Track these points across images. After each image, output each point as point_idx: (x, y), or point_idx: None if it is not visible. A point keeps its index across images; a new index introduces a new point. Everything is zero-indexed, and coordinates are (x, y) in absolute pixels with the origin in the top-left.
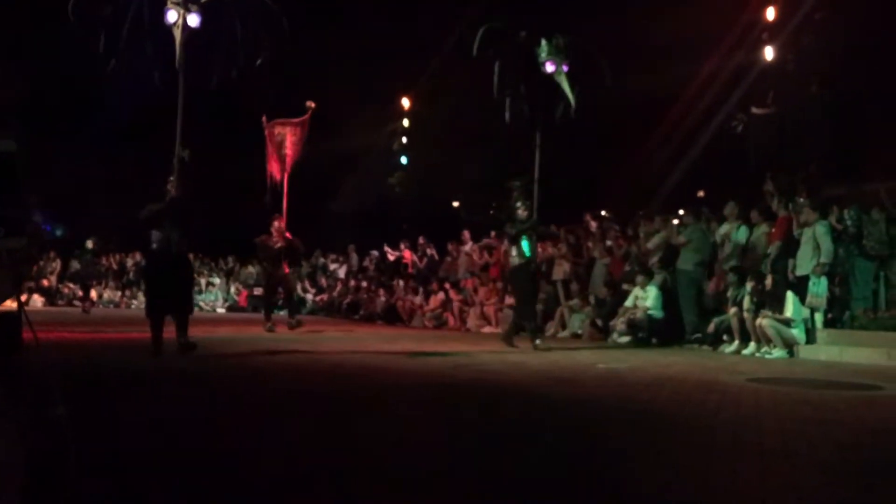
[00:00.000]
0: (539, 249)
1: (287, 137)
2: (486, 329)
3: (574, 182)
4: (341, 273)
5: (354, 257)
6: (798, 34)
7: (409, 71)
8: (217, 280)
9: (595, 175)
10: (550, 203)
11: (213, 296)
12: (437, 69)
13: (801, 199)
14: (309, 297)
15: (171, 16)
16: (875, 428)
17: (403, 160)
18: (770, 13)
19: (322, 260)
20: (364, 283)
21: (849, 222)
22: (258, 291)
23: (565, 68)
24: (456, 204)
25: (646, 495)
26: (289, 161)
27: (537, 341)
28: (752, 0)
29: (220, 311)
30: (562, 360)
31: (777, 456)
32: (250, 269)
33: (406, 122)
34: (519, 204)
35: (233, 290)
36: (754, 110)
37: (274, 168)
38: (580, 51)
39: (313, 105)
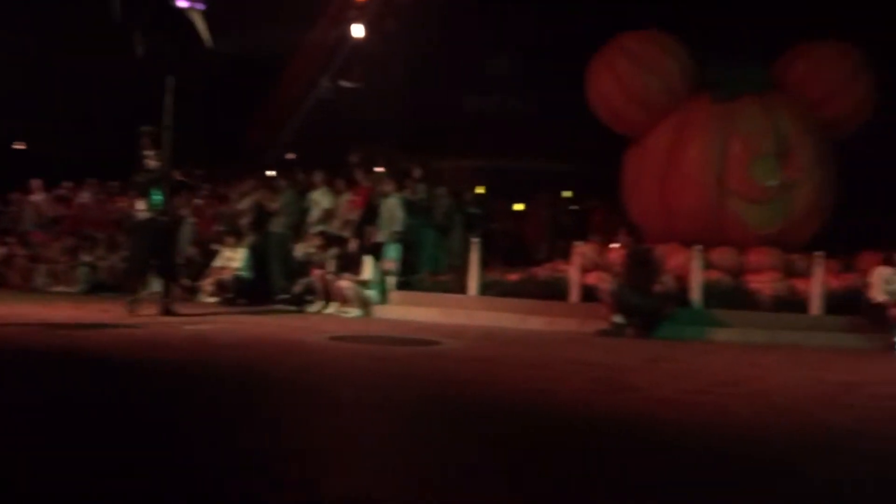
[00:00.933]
0: None
1: None
2: (57, 288)
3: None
4: None
5: None
6: (384, 17)
7: None
8: None
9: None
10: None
11: None
12: None
13: (380, 171)
14: None
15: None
16: (435, 379)
17: None
18: None
19: None
20: None
21: (422, 195)
22: None
23: (199, 6)
24: (23, 146)
25: (241, 451)
26: None
27: (132, 304)
28: None
29: None
30: (148, 321)
31: (356, 407)
32: None
33: None
34: (148, 153)
35: None
36: (343, 83)
37: None
38: None
39: None
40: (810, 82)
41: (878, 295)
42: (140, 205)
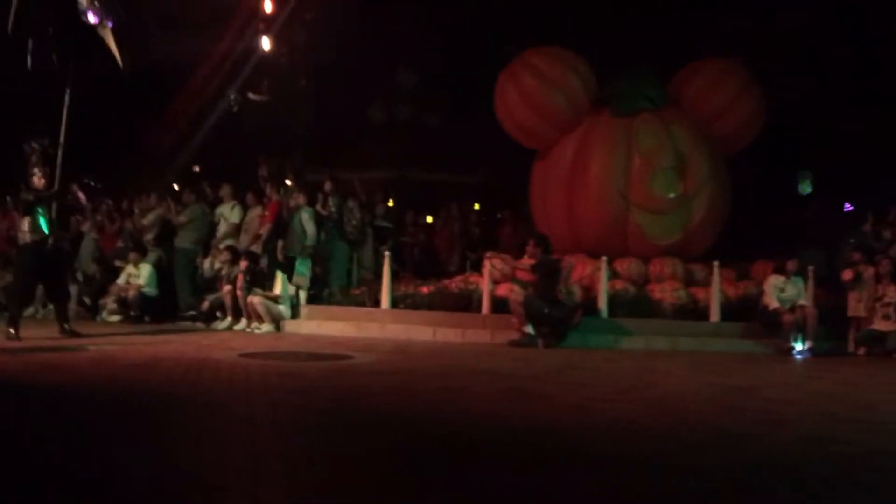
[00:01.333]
0: None
1: None
2: None
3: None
4: None
5: None
6: (291, 30)
7: None
8: None
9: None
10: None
11: None
12: None
13: (290, 184)
14: None
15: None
16: (346, 393)
17: None
18: (268, 6)
19: None
20: None
21: (333, 209)
22: None
23: (109, 24)
24: None
25: (139, 480)
26: None
27: (11, 330)
28: None
29: None
30: (48, 343)
31: (266, 425)
32: None
33: None
34: (36, 171)
35: None
36: (251, 96)
37: None
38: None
39: None
40: (702, 99)
41: (771, 302)
42: (24, 226)
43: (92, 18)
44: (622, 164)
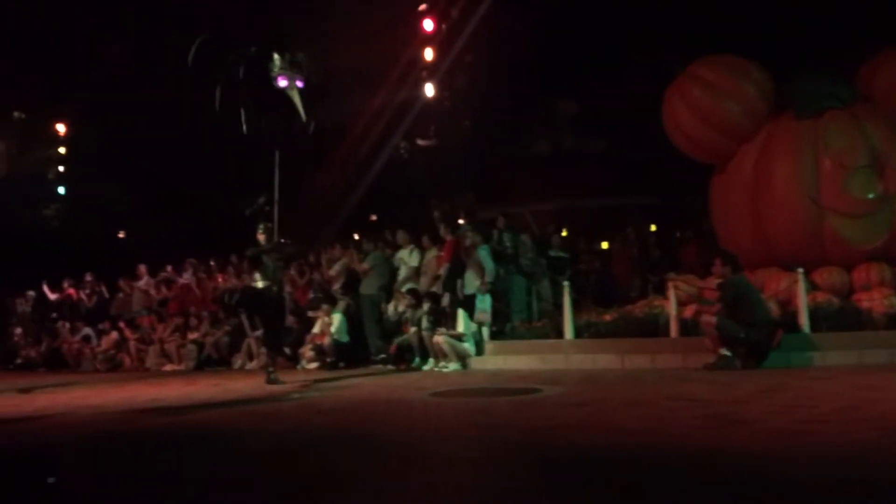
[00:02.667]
0: None
1: None
2: (168, 367)
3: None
4: None
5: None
6: (452, 74)
7: (67, 89)
8: None
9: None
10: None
11: None
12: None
13: (464, 224)
14: None
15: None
16: (539, 427)
17: (61, 191)
18: (428, 54)
19: None
20: (19, 329)
21: (507, 244)
22: None
23: (299, 84)
24: (121, 234)
25: None
26: None
27: (271, 371)
28: (412, 41)
29: None
30: (254, 392)
31: (462, 462)
32: None
33: (63, 150)
34: (260, 227)
35: None
36: (419, 142)
37: None
38: (314, 70)
39: None
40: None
41: None
42: (256, 278)
43: (283, 82)
44: (810, 168)
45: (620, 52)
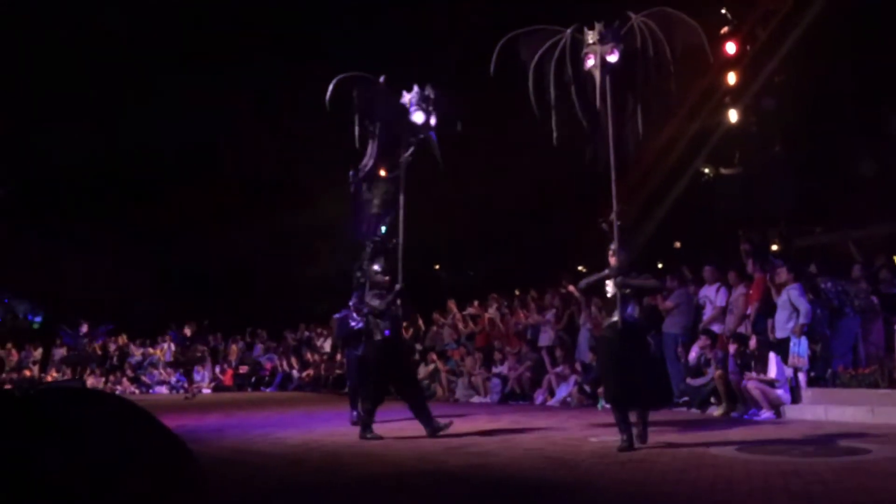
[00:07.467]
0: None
1: None
2: (475, 399)
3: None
4: (327, 346)
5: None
6: (758, 97)
7: None
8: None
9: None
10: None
11: (199, 375)
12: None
13: (776, 261)
14: (294, 372)
15: (418, 117)
16: (861, 501)
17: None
18: (731, 78)
19: (307, 333)
20: None
21: (831, 295)
22: (244, 370)
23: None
24: (437, 267)
25: None
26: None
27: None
28: (713, 66)
29: (206, 391)
30: (553, 436)
31: None
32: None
33: None
34: (611, 248)
35: (217, 369)
36: (723, 171)
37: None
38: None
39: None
40: None
41: None
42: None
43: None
44: None
45: None
